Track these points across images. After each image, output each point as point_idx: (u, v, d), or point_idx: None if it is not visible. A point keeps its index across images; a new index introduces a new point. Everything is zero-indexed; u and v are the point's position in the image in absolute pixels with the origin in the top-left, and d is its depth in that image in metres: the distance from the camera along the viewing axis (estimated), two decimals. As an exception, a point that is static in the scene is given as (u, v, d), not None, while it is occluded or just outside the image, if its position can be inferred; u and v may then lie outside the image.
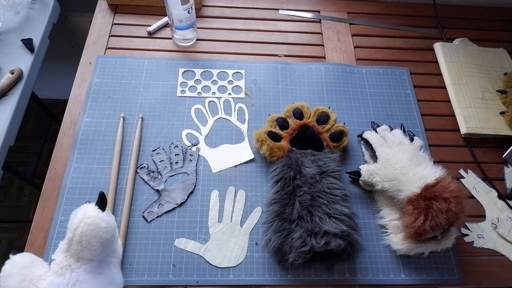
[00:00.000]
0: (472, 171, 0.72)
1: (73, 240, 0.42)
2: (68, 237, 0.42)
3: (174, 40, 0.83)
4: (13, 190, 1.43)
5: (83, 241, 0.42)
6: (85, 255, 0.42)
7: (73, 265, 0.42)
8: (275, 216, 0.60)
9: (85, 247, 0.42)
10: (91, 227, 0.42)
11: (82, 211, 0.43)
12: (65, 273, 0.41)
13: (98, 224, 0.43)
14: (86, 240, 0.42)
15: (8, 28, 0.83)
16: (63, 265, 0.42)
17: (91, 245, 0.42)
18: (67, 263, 0.42)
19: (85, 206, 0.44)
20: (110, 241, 0.45)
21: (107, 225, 0.44)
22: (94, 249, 0.42)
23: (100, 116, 0.71)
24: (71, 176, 0.65)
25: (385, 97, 0.79)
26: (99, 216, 0.43)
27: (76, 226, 0.42)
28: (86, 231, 0.42)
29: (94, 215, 0.43)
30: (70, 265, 0.42)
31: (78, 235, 0.42)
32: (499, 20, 0.94)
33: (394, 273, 0.61)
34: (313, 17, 0.90)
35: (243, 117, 0.74)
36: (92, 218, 0.42)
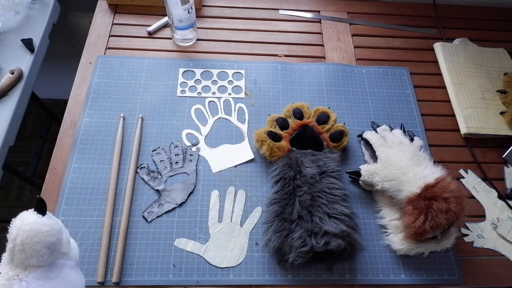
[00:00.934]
0: (472, 171, 0.72)
1: (15, 249, 0.39)
2: (9, 247, 0.40)
3: (174, 40, 0.83)
4: (13, 190, 1.43)
5: (26, 249, 0.39)
6: (32, 262, 0.40)
7: (20, 274, 0.39)
8: (275, 216, 0.60)
9: (30, 254, 0.39)
10: (32, 233, 0.40)
11: (19, 219, 0.41)
12: (13, 284, 0.39)
13: (39, 229, 0.40)
14: (29, 247, 0.39)
15: (8, 28, 0.83)
16: (9, 277, 0.39)
17: (36, 251, 0.40)
18: (13, 273, 0.39)
19: (21, 214, 0.41)
20: (56, 244, 0.42)
21: (50, 228, 0.41)
22: (41, 254, 0.40)
23: (100, 116, 0.71)
24: (71, 176, 0.65)
25: (385, 97, 0.79)
26: (39, 221, 0.41)
27: (15, 236, 0.39)
28: (27, 238, 0.39)
29: (32, 221, 0.40)
30: (18, 274, 0.39)
31: (19, 244, 0.39)
32: (499, 20, 0.95)
33: (394, 273, 0.61)
34: (313, 17, 0.90)
35: (243, 117, 0.74)
36: (31, 224, 0.40)
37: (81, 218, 0.62)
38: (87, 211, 0.62)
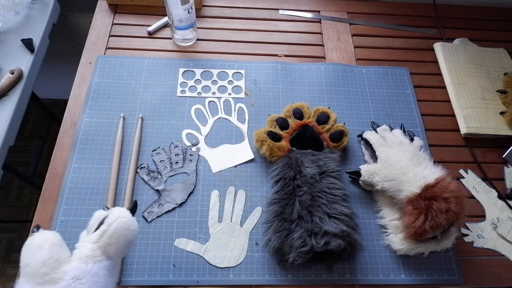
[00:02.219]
0: (472, 171, 0.72)
1: (106, 232, 0.44)
2: (103, 229, 0.45)
3: (174, 40, 0.83)
4: (13, 190, 1.43)
5: (114, 236, 0.44)
6: (110, 250, 0.44)
7: (98, 257, 0.43)
8: (275, 216, 0.60)
9: (113, 243, 0.44)
10: (125, 226, 0.45)
11: (118, 210, 0.47)
12: (89, 262, 0.43)
13: (130, 225, 0.46)
14: (117, 236, 0.44)
15: (8, 28, 0.83)
16: (89, 255, 0.43)
17: (119, 242, 0.45)
18: (93, 253, 0.43)
19: (119, 208, 0.48)
20: (131, 245, 0.47)
21: (135, 228, 0.47)
22: (120, 247, 0.45)
23: (100, 116, 0.71)
24: (71, 176, 0.65)
25: (385, 97, 0.79)
26: (132, 219, 0.47)
27: (112, 221, 0.45)
28: (120, 228, 0.45)
29: (129, 216, 0.47)
30: (95, 256, 0.43)
31: (112, 230, 0.44)
32: (499, 20, 0.95)
33: (394, 273, 0.61)
34: (313, 17, 0.90)
35: (243, 117, 0.74)
36: (127, 219, 0.46)
37: (81, 218, 0.62)
38: (87, 211, 0.62)
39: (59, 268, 0.41)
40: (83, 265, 0.42)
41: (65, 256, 0.43)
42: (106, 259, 0.44)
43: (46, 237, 0.43)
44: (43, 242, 0.42)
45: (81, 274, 0.41)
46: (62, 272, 0.41)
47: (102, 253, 0.44)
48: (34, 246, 0.42)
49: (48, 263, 0.41)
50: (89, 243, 0.44)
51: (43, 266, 0.40)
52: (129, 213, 0.47)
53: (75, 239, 0.60)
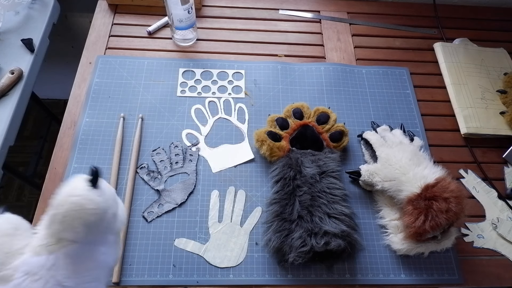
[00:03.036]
0: (472, 171, 0.72)
1: (55, 218, 0.36)
2: (50, 213, 0.37)
3: (174, 40, 0.83)
4: (13, 190, 1.43)
5: (65, 221, 0.36)
6: (66, 236, 0.37)
7: (52, 246, 0.36)
8: (275, 216, 0.60)
9: (66, 228, 0.36)
10: (75, 207, 0.36)
11: (69, 187, 0.37)
12: (42, 253, 0.36)
13: (84, 205, 0.36)
14: (69, 221, 0.36)
15: (8, 28, 0.83)
16: (42, 244, 0.36)
17: (73, 226, 0.36)
18: (46, 242, 0.36)
19: (74, 181, 0.38)
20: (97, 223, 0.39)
21: (95, 206, 0.37)
22: (77, 231, 0.37)
23: (100, 116, 0.71)
24: (71, 176, 0.65)
25: (385, 97, 0.79)
26: (86, 196, 0.37)
27: (61, 204, 0.36)
28: (69, 211, 0.36)
29: (80, 193, 0.37)
30: (50, 245, 0.36)
31: (60, 214, 0.36)
32: (499, 20, 0.94)
33: (394, 273, 0.61)
34: (313, 17, 0.90)
35: (243, 117, 0.74)
36: (78, 197, 0.36)
37: (81, 218, 0.62)
38: (87, 211, 0.62)
39: (10, 262, 0.35)
40: (35, 258, 0.35)
41: (19, 246, 0.36)
42: (67, 245, 0.37)
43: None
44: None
45: (34, 269, 0.35)
46: (14, 267, 0.35)
47: (57, 240, 0.37)
48: None
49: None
50: (42, 230, 0.37)
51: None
52: (85, 188, 0.37)
53: (75, 239, 0.60)
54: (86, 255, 0.39)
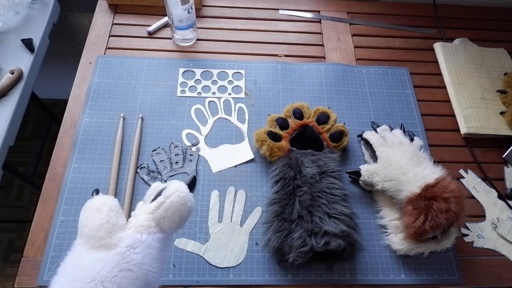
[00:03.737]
0: (472, 171, 0.72)
1: (163, 205, 0.43)
2: (159, 200, 0.44)
3: (174, 40, 0.83)
4: (13, 190, 1.43)
5: (170, 210, 0.43)
6: (164, 223, 0.44)
7: (152, 229, 0.43)
8: (275, 216, 0.60)
9: (168, 216, 0.43)
10: (181, 201, 0.44)
11: (178, 183, 0.46)
12: (143, 232, 0.42)
13: (187, 201, 0.45)
14: (172, 210, 0.44)
15: (8, 28, 0.83)
16: (144, 225, 0.43)
17: (173, 217, 0.44)
18: (148, 224, 0.43)
19: (178, 181, 0.46)
20: (185, 221, 0.46)
21: (192, 205, 0.46)
22: (174, 221, 0.44)
23: (100, 116, 0.71)
24: (71, 176, 0.65)
25: (385, 97, 0.79)
26: (190, 195, 0.46)
27: (170, 194, 0.44)
28: (176, 203, 0.44)
29: (186, 191, 0.45)
30: (150, 227, 0.43)
31: (168, 203, 0.44)
32: (499, 20, 0.95)
33: (394, 273, 0.61)
34: (313, 17, 0.90)
35: (243, 117, 0.74)
36: (185, 194, 0.45)
37: (81, 218, 0.62)
38: (87, 211, 0.62)
39: (115, 234, 0.41)
40: (138, 235, 0.42)
41: (122, 222, 0.43)
42: (159, 232, 0.44)
43: (105, 201, 0.43)
44: (102, 206, 0.42)
45: (135, 243, 0.41)
46: (118, 238, 0.41)
47: (156, 225, 0.43)
48: (94, 209, 0.42)
49: (105, 227, 0.41)
50: (145, 213, 0.44)
51: (100, 229, 0.40)
52: (187, 188, 0.46)
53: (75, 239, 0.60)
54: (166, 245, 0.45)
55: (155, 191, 0.46)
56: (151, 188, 0.48)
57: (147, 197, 0.47)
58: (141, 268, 0.40)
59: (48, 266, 0.57)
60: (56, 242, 0.59)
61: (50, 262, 0.58)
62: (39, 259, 0.58)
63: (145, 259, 0.41)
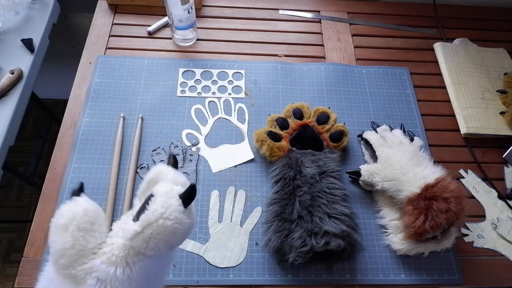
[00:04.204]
0: (472, 171, 0.72)
1: (140, 236, 0.33)
2: (135, 230, 0.34)
3: (174, 40, 0.83)
4: (13, 190, 1.43)
5: (151, 241, 0.34)
6: (148, 253, 0.34)
7: (129, 259, 0.34)
8: (275, 216, 0.60)
9: (151, 247, 0.34)
10: (166, 231, 0.34)
11: (163, 204, 0.34)
12: (118, 264, 0.33)
13: (175, 231, 0.34)
14: (154, 242, 0.34)
15: (8, 28, 0.83)
16: (119, 255, 0.33)
17: (159, 248, 0.34)
18: (124, 254, 0.34)
19: (167, 198, 0.34)
20: (180, 244, 0.37)
21: (184, 231, 0.35)
22: (160, 251, 0.35)
23: (100, 116, 0.71)
24: (71, 176, 0.65)
25: (385, 97, 0.79)
26: (180, 220, 0.34)
27: (149, 223, 0.33)
28: (159, 234, 0.33)
29: (174, 217, 0.34)
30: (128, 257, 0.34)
31: (148, 234, 0.33)
32: (499, 20, 0.95)
33: (394, 273, 0.61)
34: (313, 17, 0.90)
35: (243, 117, 0.74)
36: (171, 222, 0.33)
37: (81, 218, 0.61)
38: (87, 211, 0.62)
39: (81, 262, 0.33)
40: (110, 268, 0.33)
41: (93, 244, 0.34)
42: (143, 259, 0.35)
43: (73, 215, 0.34)
44: (68, 222, 0.33)
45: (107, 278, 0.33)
46: (85, 270, 0.33)
47: (137, 254, 0.34)
48: (58, 226, 0.33)
49: (69, 253, 0.32)
50: (122, 238, 0.34)
51: (63, 255, 0.33)
52: (178, 209, 0.34)
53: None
54: (156, 270, 0.37)
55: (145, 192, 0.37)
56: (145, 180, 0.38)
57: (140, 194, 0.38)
58: None
59: (48, 266, 0.57)
60: (56, 242, 0.59)
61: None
62: (39, 259, 0.58)
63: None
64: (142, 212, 0.34)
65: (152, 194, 0.36)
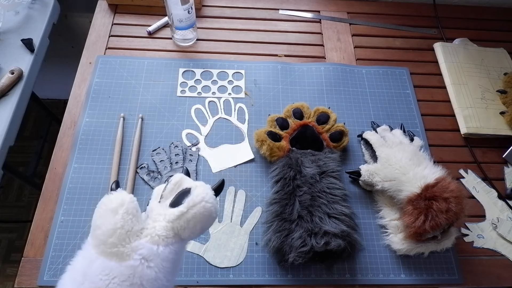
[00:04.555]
0: (472, 171, 0.72)
1: (184, 216, 0.39)
2: (181, 210, 0.39)
3: (174, 40, 0.83)
4: (13, 190, 1.43)
5: (191, 222, 0.39)
6: (184, 234, 0.39)
7: (170, 239, 0.39)
8: (275, 216, 0.60)
9: (190, 228, 0.39)
10: (206, 213, 0.40)
11: (204, 189, 0.41)
12: (160, 243, 0.38)
13: (211, 214, 0.40)
14: (194, 222, 0.39)
15: (8, 28, 0.83)
16: (161, 235, 0.38)
17: (195, 228, 0.39)
18: (165, 234, 0.38)
19: (205, 187, 0.41)
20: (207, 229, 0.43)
21: (216, 215, 0.42)
22: (195, 232, 0.40)
23: (100, 116, 0.71)
24: (71, 176, 0.65)
25: (385, 97, 0.79)
26: (215, 205, 0.41)
27: (195, 204, 0.39)
28: (200, 214, 0.39)
29: (212, 201, 0.41)
30: (168, 237, 0.38)
31: (191, 215, 0.39)
32: (499, 20, 0.95)
33: (394, 273, 0.61)
34: (313, 17, 0.90)
35: (243, 117, 0.74)
36: (211, 204, 0.40)
37: (81, 218, 0.62)
38: (87, 211, 0.62)
39: (129, 241, 0.37)
40: (154, 246, 0.37)
41: (137, 228, 0.38)
42: (177, 241, 0.39)
43: (123, 201, 0.38)
44: (118, 206, 0.38)
45: (150, 256, 0.37)
46: (131, 248, 0.37)
47: (174, 235, 0.39)
48: (109, 209, 0.38)
49: (119, 233, 0.36)
50: (164, 221, 0.39)
51: (113, 234, 0.36)
52: (213, 196, 0.41)
53: (75, 239, 0.60)
54: (182, 253, 0.42)
55: (177, 187, 0.42)
56: (172, 182, 0.42)
57: (167, 192, 0.42)
58: (153, 284, 0.36)
59: (48, 266, 0.57)
60: (56, 242, 0.59)
61: (50, 262, 0.58)
62: (39, 259, 0.58)
63: (159, 274, 0.37)
64: (178, 202, 0.40)
65: (187, 188, 0.41)
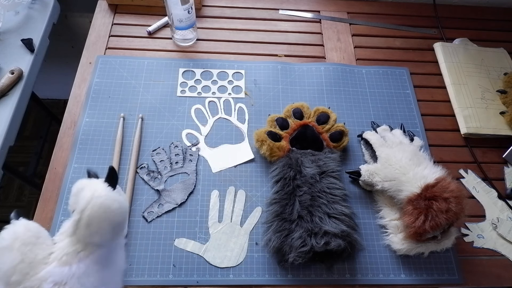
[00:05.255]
0: (472, 171, 0.72)
1: (80, 223, 0.35)
2: (74, 219, 0.36)
3: (174, 40, 0.83)
4: (13, 190, 1.43)
5: (93, 225, 0.35)
6: (94, 240, 0.36)
7: (80, 253, 0.35)
8: (275, 216, 0.60)
9: (94, 232, 0.36)
10: (102, 209, 0.36)
11: (90, 189, 0.37)
12: (71, 262, 0.35)
13: (109, 206, 0.36)
14: (96, 224, 0.35)
15: (8, 28, 0.83)
16: (69, 252, 0.35)
17: (102, 229, 0.36)
18: (73, 249, 0.35)
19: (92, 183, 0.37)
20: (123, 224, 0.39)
21: (119, 206, 0.38)
22: (105, 233, 0.36)
23: (100, 116, 0.71)
24: (71, 176, 0.65)
25: (385, 97, 0.79)
26: (111, 196, 0.37)
27: (84, 207, 0.35)
28: (96, 213, 0.35)
29: (104, 194, 0.37)
30: (78, 252, 0.35)
31: (86, 218, 0.35)
32: (499, 20, 0.94)
33: (394, 273, 0.61)
34: (313, 17, 0.90)
35: (243, 117, 0.74)
36: (102, 198, 0.36)
37: (81, 218, 0.62)
38: (87, 211, 0.62)
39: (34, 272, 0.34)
40: (65, 268, 0.34)
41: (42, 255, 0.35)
42: (94, 251, 0.36)
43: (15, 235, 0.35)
44: (12, 242, 0.34)
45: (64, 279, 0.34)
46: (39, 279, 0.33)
47: (85, 246, 0.36)
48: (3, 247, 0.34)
49: (20, 268, 0.33)
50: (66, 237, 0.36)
51: (15, 272, 0.33)
52: (106, 188, 0.37)
53: (75, 239, 0.60)
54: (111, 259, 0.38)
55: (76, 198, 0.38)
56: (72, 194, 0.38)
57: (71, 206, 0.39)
58: None
59: (48, 266, 0.57)
60: (56, 242, 0.59)
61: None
62: (39, 259, 0.58)
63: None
64: None
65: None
